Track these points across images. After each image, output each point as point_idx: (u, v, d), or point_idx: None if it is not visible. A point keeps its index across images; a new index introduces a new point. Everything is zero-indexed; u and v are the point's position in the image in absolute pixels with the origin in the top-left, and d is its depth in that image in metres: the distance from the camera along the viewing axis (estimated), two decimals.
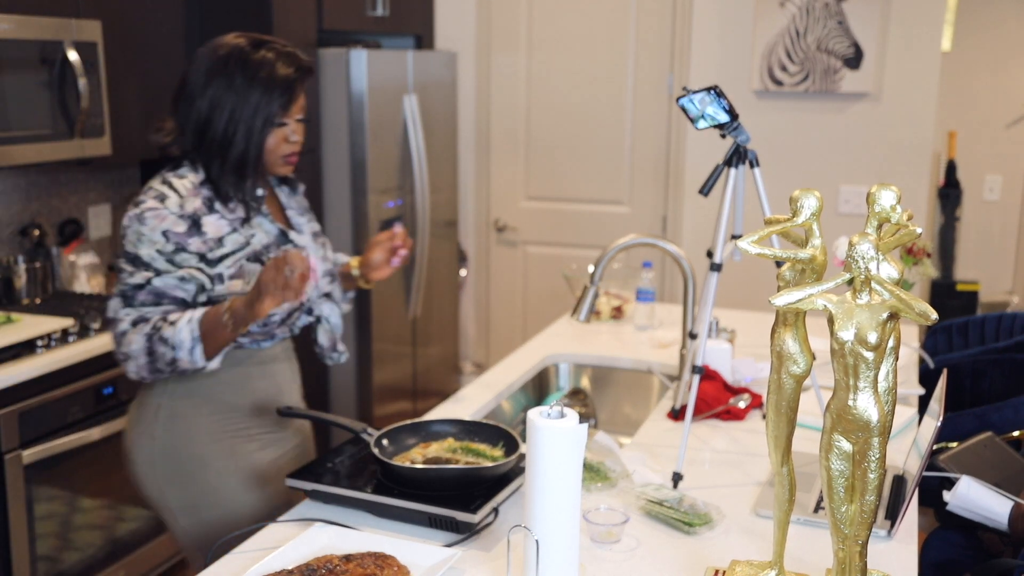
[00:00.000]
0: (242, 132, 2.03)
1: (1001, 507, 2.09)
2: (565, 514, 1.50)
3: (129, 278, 2.00)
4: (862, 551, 1.34)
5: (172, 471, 2.14)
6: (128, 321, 2.00)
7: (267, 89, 2.03)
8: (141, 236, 1.99)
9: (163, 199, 2.01)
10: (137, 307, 2.00)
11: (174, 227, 1.99)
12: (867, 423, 1.25)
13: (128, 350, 2.00)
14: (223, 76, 2.03)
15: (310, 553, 1.63)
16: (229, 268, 2.03)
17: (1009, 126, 5.04)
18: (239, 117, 2.03)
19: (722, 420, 2.36)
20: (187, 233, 2.00)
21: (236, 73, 2.03)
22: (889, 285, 1.23)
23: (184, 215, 2.01)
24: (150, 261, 1.99)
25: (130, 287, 2.00)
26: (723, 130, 2.10)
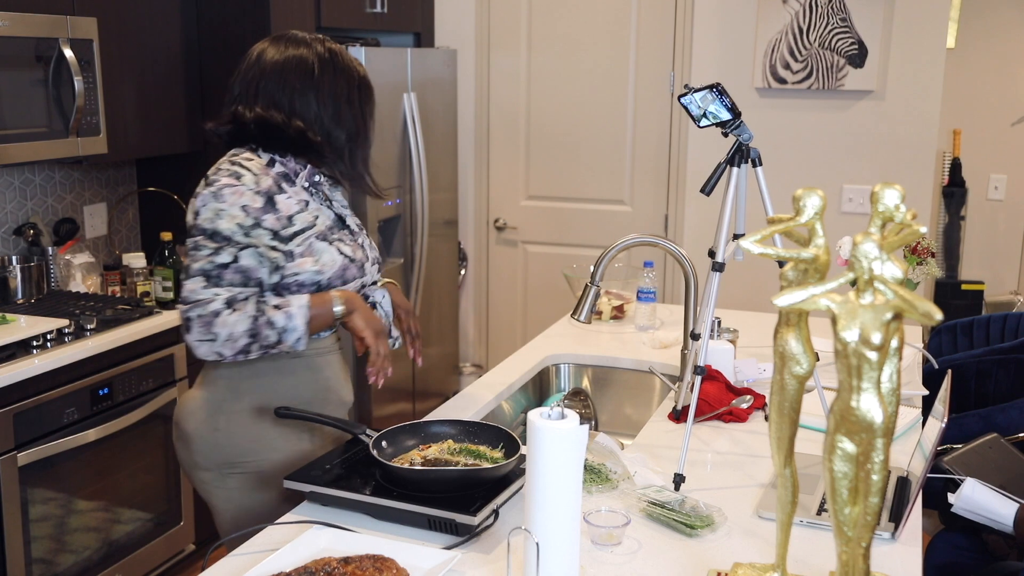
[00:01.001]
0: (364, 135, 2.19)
1: (1006, 509, 2.08)
2: (566, 516, 1.49)
3: (213, 256, 1.99)
4: (866, 553, 1.32)
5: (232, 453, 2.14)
6: (221, 301, 1.98)
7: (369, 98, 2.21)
8: (220, 211, 1.99)
9: (238, 177, 2.03)
10: (225, 287, 2.00)
11: (252, 202, 2.01)
12: (871, 424, 1.24)
13: (222, 331, 1.97)
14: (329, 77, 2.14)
15: (308, 555, 1.62)
16: (299, 246, 2.06)
17: (1014, 124, 5.02)
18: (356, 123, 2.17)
19: (724, 421, 2.34)
20: (263, 209, 2.02)
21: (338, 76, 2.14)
22: (893, 285, 1.21)
23: (260, 191, 2.03)
24: (231, 235, 1.99)
25: (215, 266, 1.99)
26: (725, 128, 2.09)
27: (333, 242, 2.11)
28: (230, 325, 1.98)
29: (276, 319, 2.00)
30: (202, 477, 2.17)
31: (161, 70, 3.65)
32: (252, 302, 2.01)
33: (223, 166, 2.07)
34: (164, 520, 3.35)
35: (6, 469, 2.73)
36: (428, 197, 4.35)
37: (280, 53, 2.13)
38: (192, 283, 1.99)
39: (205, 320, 1.98)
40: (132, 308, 3.26)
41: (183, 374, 3.36)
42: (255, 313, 2.00)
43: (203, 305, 1.98)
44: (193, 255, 2.01)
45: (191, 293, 1.99)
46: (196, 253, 2.00)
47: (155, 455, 3.29)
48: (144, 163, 3.97)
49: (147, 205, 4.01)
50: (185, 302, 1.99)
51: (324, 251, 2.09)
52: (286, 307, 2.02)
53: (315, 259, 2.07)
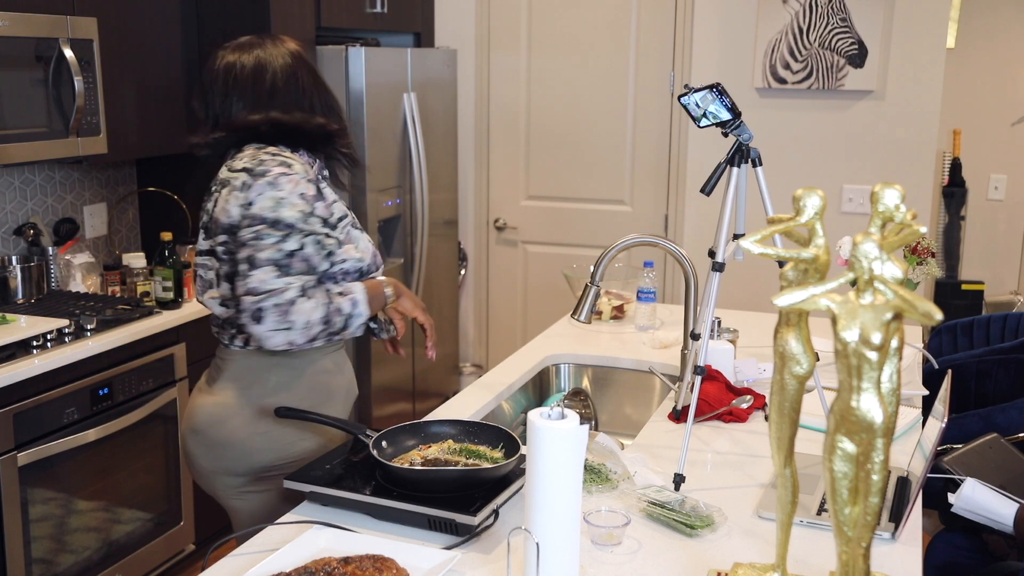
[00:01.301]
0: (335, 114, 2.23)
1: (1006, 509, 2.08)
2: (566, 516, 1.49)
3: (280, 243, 1.97)
4: (866, 554, 1.32)
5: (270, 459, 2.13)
6: (295, 289, 1.97)
7: None
8: (280, 200, 1.98)
9: (289, 166, 2.03)
10: (295, 275, 1.99)
11: (307, 190, 2.02)
12: (871, 424, 1.24)
13: (298, 319, 1.97)
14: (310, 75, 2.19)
15: (308, 555, 1.62)
16: (342, 234, 2.10)
17: (1014, 124, 5.02)
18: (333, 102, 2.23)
19: (724, 421, 2.34)
20: (315, 197, 2.04)
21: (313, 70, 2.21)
22: (893, 285, 1.21)
23: (310, 180, 2.05)
24: (294, 223, 1.98)
25: (283, 254, 1.97)
26: (725, 128, 2.09)
27: (362, 231, 2.18)
28: (306, 313, 1.97)
29: (343, 306, 2.03)
30: (229, 483, 2.15)
31: (161, 70, 3.65)
32: (322, 290, 2.03)
33: (264, 159, 2.03)
34: (164, 520, 3.35)
35: (6, 469, 2.73)
36: (428, 197, 4.35)
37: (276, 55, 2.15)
38: (262, 273, 1.96)
39: (282, 309, 1.95)
40: (132, 308, 3.26)
41: (183, 374, 3.35)
42: (326, 300, 2.02)
43: (278, 294, 1.96)
44: (255, 244, 1.96)
45: (262, 283, 1.95)
46: (259, 242, 1.96)
47: (155, 455, 3.29)
48: (144, 163, 3.97)
49: (147, 205, 4.00)
50: (255, 293, 1.95)
51: (360, 238, 2.16)
52: (349, 294, 2.06)
53: (355, 246, 2.13)
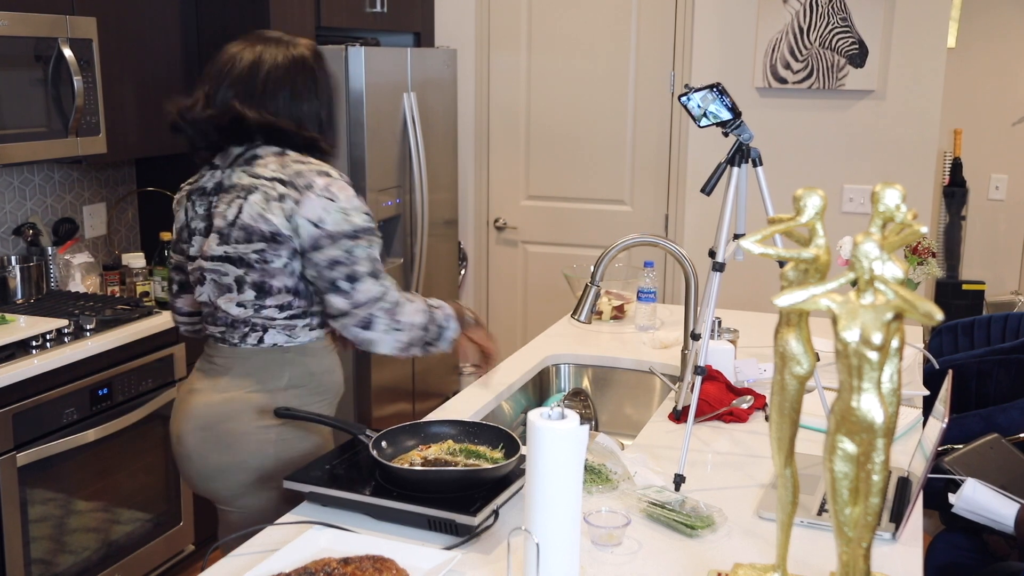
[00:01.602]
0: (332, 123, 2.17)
1: (1007, 509, 2.08)
2: (566, 516, 1.49)
3: (369, 250, 2.00)
4: (866, 554, 1.32)
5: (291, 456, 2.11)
6: (394, 290, 2.02)
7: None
8: (345, 211, 1.98)
9: (327, 173, 2.03)
10: (385, 277, 2.03)
11: (354, 193, 2.03)
12: (871, 424, 1.23)
13: (405, 320, 2.02)
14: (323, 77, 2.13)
15: (308, 556, 1.62)
16: None
17: (1015, 124, 5.02)
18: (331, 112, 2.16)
19: (724, 421, 2.34)
20: (358, 196, 2.06)
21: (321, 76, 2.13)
22: (894, 285, 1.20)
23: (348, 182, 2.05)
24: (369, 225, 2.01)
25: (375, 261, 2.01)
26: (726, 128, 2.09)
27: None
28: (410, 315, 2.02)
29: (438, 317, 2.07)
30: (235, 481, 2.11)
31: (160, 70, 3.65)
32: (419, 297, 2.06)
33: (298, 169, 2.01)
34: (163, 520, 3.35)
35: (5, 469, 2.73)
36: (428, 197, 4.35)
37: (278, 55, 2.08)
38: (364, 284, 1.98)
39: (390, 311, 2.00)
40: (131, 308, 3.26)
41: (182, 374, 3.35)
42: (425, 308, 2.06)
43: (383, 299, 2.00)
44: (349, 260, 1.97)
45: (366, 294, 1.98)
46: (352, 256, 1.97)
47: (154, 455, 3.29)
48: (143, 163, 3.97)
49: (146, 205, 4.00)
50: (360, 304, 1.98)
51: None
52: (441, 308, 2.10)
53: None
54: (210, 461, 2.13)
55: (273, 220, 1.96)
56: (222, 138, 2.09)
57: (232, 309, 2.06)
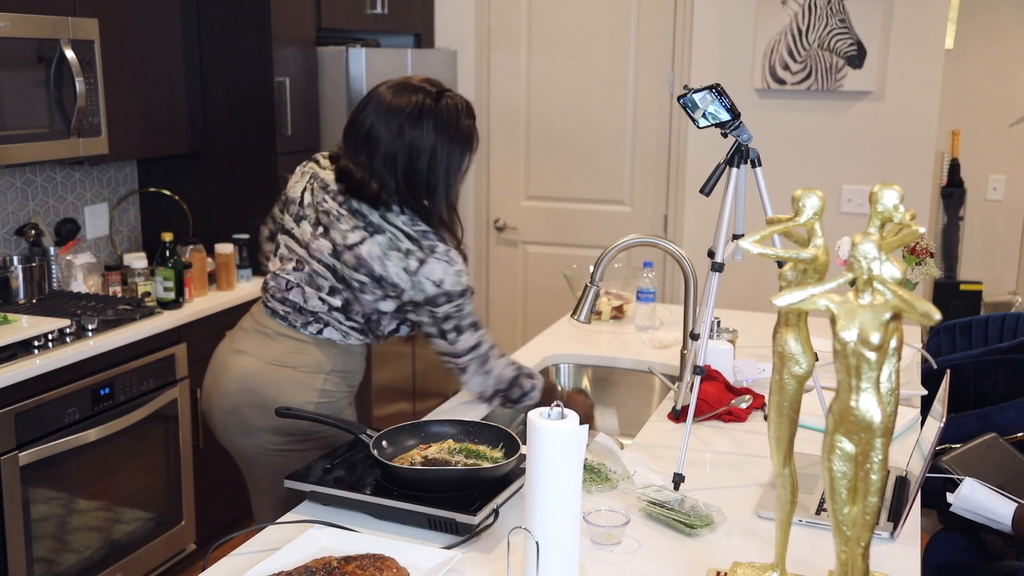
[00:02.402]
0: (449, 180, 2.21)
1: (1005, 508, 2.08)
2: (565, 516, 1.49)
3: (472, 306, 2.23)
4: (864, 553, 1.33)
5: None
6: (488, 341, 2.27)
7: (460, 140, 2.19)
8: (459, 272, 2.17)
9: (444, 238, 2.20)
10: (482, 329, 2.27)
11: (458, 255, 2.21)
12: (869, 424, 1.24)
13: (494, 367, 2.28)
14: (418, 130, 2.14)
15: (309, 555, 1.62)
16: None
17: (1013, 125, 5.03)
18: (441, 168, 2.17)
19: (724, 421, 2.35)
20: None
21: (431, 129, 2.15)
22: (892, 285, 1.21)
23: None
24: (469, 284, 2.23)
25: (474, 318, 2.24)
26: (724, 129, 2.09)
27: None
28: (501, 367, 2.28)
29: (525, 384, 2.32)
30: (271, 441, 2.27)
31: (162, 71, 3.65)
32: (506, 357, 2.32)
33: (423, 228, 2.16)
34: (165, 520, 3.36)
35: (8, 469, 2.74)
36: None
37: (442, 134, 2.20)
38: (467, 336, 2.22)
39: (481, 359, 2.26)
40: (133, 308, 3.27)
41: (184, 374, 3.36)
42: (517, 370, 2.31)
43: (478, 348, 2.25)
44: (459, 316, 2.19)
45: (466, 344, 2.23)
46: (461, 313, 2.20)
47: (156, 455, 3.29)
48: (145, 163, 3.97)
49: (148, 205, 4.01)
50: (460, 354, 2.24)
51: None
52: (533, 378, 2.34)
53: None
54: (252, 420, 2.27)
55: (390, 268, 2.13)
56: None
57: (311, 302, 2.22)
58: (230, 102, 3.80)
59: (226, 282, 3.66)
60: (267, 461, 2.31)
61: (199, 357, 3.43)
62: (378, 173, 2.14)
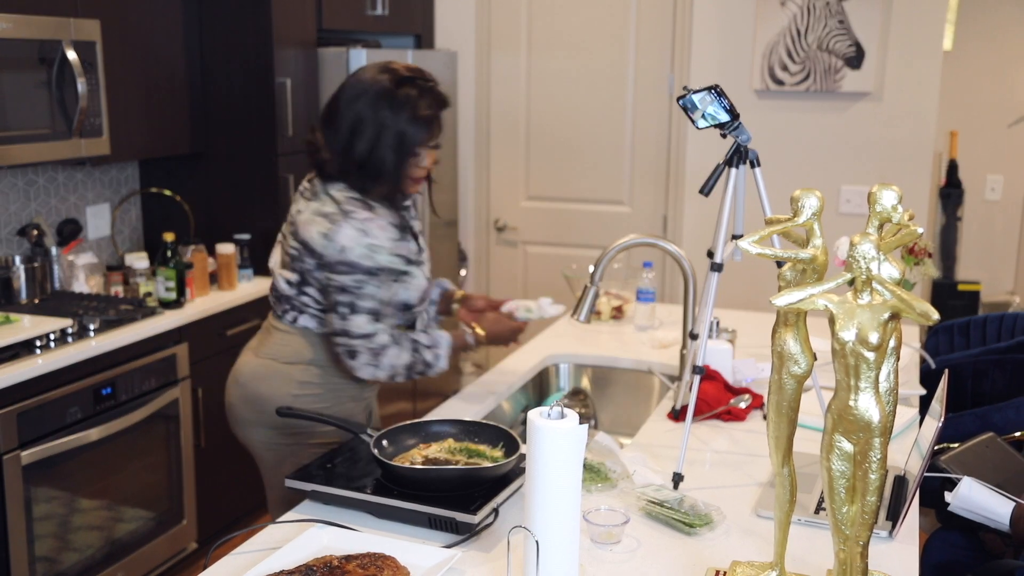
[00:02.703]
0: (390, 164, 2.19)
1: (1003, 508, 2.09)
2: (565, 515, 1.50)
3: (378, 291, 2.15)
4: (863, 552, 1.33)
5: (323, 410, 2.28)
6: (386, 335, 2.20)
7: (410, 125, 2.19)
8: (375, 248, 2.13)
9: (371, 208, 2.17)
10: (386, 320, 2.20)
11: (392, 234, 2.17)
12: (868, 423, 1.25)
13: (386, 361, 2.20)
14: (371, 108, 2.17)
15: (310, 554, 1.63)
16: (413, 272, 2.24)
17: (1011, 126, 5.04)
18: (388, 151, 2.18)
19: (723, 421, 2.36)
20: (400, 238, 2.19)
21: (383, 108, 2.17)
22: (890, 285, 1.22)
23: (393, 224, 2.19)
24: (391, 265, 2.16)
25: (380, 303, 2.16)
26: (724, 130, 2.10)
27: (420, 265, 2.28)
28: (393, 357, 2.21)
29: (427, 357, 2.26)
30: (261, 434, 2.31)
31: (164, 71, 3.66)
32: (408, 339, 2.24)
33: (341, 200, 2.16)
34: (166, 519, 3.37)
35: (10, 468, 2.75)
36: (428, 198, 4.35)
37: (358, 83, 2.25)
38: (359, 319, 2.15)
39: (374, 352, 2.18)
40: (135, 308, 3.27)
41: (185, 374, 3.37)
42: (412, 350, 2.24)
43: (370, 339, 2.18)
44: (357, 292, 2.14)
45: (358, 328, 2.16)
46: (360, 291, 2.14)
47: (158, 454, 3.30)
48: (147, 164, 3.98)
49: (150, 206, 4.02)
50: (351, 335, 2.17)
51: (418, 275, 2.27)
52: (435, 348, 2.28)
53: (415, 283, 2.25)
54: (242, 413, 2.34)
55: (312, 231, 2.15)
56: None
57: (280, 282, 2.28)
58: (231, 103, 3.81)
59: (227, 282, 3.67)
60: (263, 455, 2.35)
61: (200, 357, 3.43)
62: (331, 144, 2.19)
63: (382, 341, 2.18)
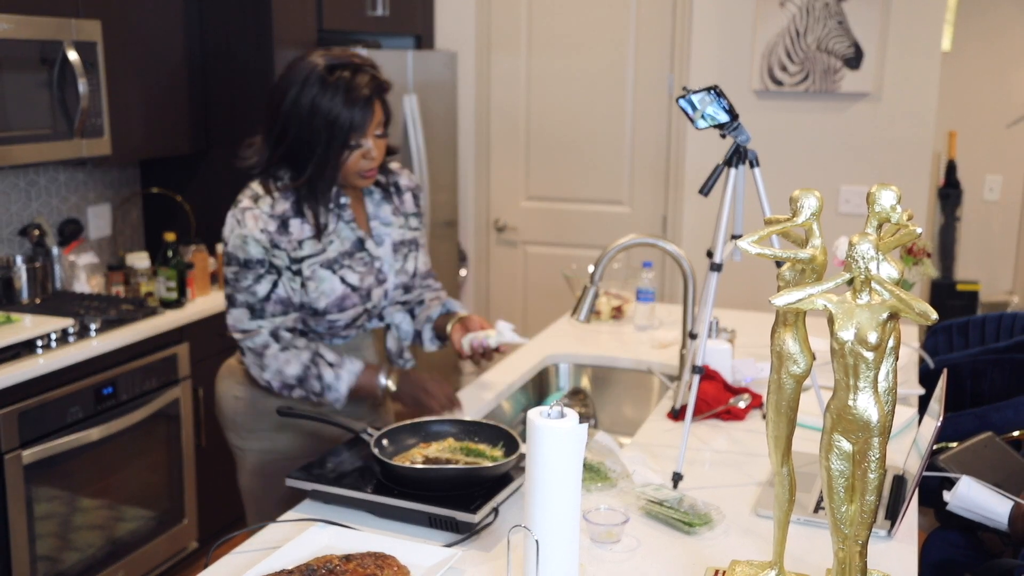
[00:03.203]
0: (319, 150, 2.08)
1: (1001, 507, 2.09)
2: (565, 514, 1.50)
3: (254, 285, 2.09)
4: (862, 551, 1.34)
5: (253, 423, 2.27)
6: (265, 333, 2.11)
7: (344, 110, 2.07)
8: (246, 238, 2.08)
9: (256, 199, 2.12)
10: (268, 318, 2.11)
11: (267, 225, 2.09)
12: (867, 423, 1.25)
13: (272, 363, 2.12)
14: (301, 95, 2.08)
15: (310, 553, 1.63)
16: (307, 272, 2.13)
17: (1009, 126, 5.04)
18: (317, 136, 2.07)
19: (722, 420, 2.36)
20: (278, 231, 2.10)
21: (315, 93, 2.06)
22: (889, 285, 1.22)
23: (274, 215, 2.10)
24: (262, 258, 2.09)
25: (257, 299, 2.10)
26: (723, 130, 2.10)
27: (339, 270, 2.16)
28: (280, 363, 2.12)
29: (325, 375, 2.14)
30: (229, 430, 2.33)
31: (165, 72, 3.66)
32: (309, 351, 2.12)
33: (252, 184, 2.15)
34: (167, 518, 3.37)
35: (11, 467, 2.75)
36: (429, 198, 4.37)
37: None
38: (238, 312, 2.11)
39: (255, 351, 2.12)
40: (136, 308, 3.28)
41: (186, 373, 3.37)
42: (308, 363, 2.13)
43: (251, 337, 2.12)
44: (234, 285, 2.10)
45: (237, 322, 2.11)
46: (237, 284, 2.10)
47: (159, 454, 3.31)
48: (148, 164, 3.98)
49: (151, 206, 4.02)
50: (233, 330, 2.14)
51: (326, 279, 2.15)
52: (338, 368, 2.15)
53: (316, 285, 2.15)
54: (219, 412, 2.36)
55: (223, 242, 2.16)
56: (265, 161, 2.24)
57: None
58: (232, 103, 3.81)
59: None
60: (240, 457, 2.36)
61: (201, 357, 3.44)
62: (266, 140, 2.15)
63: (262, 340, 2.11)
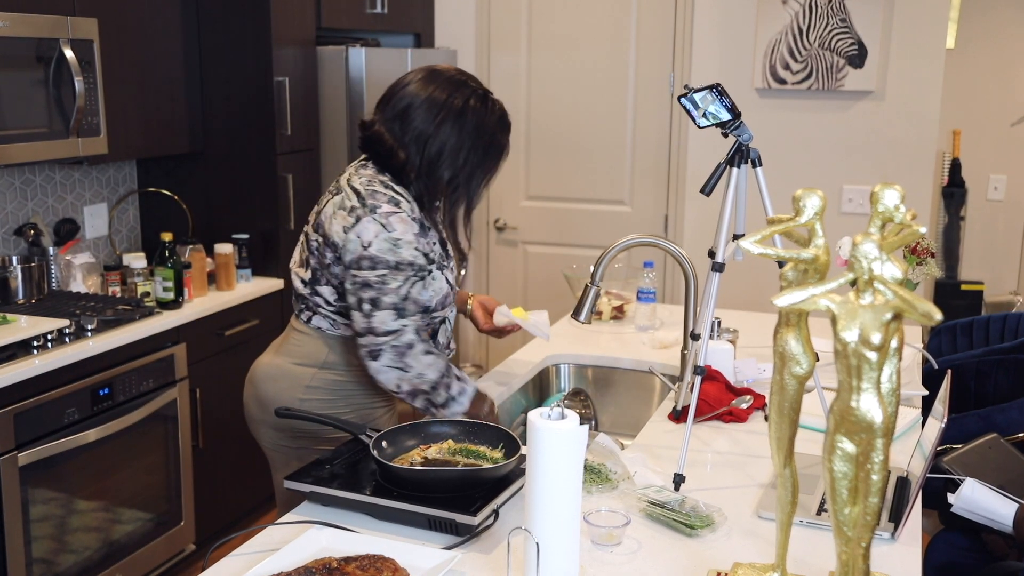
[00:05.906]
0: (472, 191, 2.21)
1: (1006, 509, 2.08)
2: (566, 516, 1.49)
3: (401, 287, 2.09)
4: (865, 553, 1.33)
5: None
6: (411, 331, 2.11)
7: (496, 157, 2.26)
8: (397, 241, 2.07)
9: (398, 203, 2.11)
10: (411, 317, 2.11)
11: (414, 229, 2.10)
12: (870, 424, 1.24)
13: (415, 365, 2.11)
14: (471, 144, 2.18)
15: (309, 555, 1.62)
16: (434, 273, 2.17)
17: (1014, 125, 5.02)
18: (473, 180, 2.20)
19: (724, 421, 2.35)
20: (420, 234, 2.12)
21: (484, 148, 2.21)
22: (893, 285, 1.21)
23: (415, 218, 2.12)
24: (413, 259, 2.09)
25: (402, 298, 2.09)
26: (725, 129, 2.09)
27: (444, 269, 2.21)
28: (423, 365, 2.13)
29: (454, 387, 2.18)
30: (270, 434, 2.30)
31: (162, 70, 3.65)
32: (444, 358, 2.18)
33: (377, 189, 2.11)
34: (164, 520, 3.36)
35: (7, 469, 2.74)
36: None
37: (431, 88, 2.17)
38: (384, 315, 2.09)
39: (399, 351, 2.11)
40: (132, 308, 3.26)
41: (183, 374, 3.36)
42: (444, 371, 2.16)
43: (396, 336, 2.10)
44: (380, 288, 2.08)
45: (383, 324, 2.09)
46: (384, 286, 2.08)
47: (156, 455, 3.29)
48: (144, 163, 3.97)
49: (147, 205, 4.01)
50: (375, 333, 2.09)
51: (438, 279, 2.19)
52: (464, 383, 2.19)
53: (435, 285, 2.18)
54: (253, 411, 2.32)
55: (335, 225, 2.11)
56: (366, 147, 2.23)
57: (296, 280, 2.24)
58: (230, 102, 3.80)
59: (225, 282, 3.66)
60: (272, 455, 2.35)
61: (198, 357, 3.43)
62: (407, 148, 2.13)
63: (408, 339, 2.10)
